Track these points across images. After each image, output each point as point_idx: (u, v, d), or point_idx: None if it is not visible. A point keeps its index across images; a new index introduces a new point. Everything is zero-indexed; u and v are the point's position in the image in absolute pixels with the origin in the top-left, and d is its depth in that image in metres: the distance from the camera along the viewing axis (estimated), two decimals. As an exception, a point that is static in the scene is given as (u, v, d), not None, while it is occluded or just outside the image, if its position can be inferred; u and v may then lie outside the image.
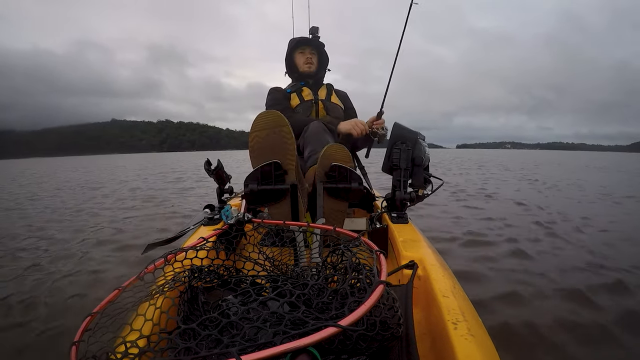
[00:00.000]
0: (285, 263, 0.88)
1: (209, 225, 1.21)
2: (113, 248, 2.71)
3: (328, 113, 1.82)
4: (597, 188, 6.66)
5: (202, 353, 0.43)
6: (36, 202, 5.65)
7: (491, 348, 0.57)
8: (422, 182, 1.27)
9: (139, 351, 0.49)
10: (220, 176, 1.34)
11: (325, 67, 1.96)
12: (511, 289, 1.83)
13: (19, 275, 2.11)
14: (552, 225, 3.28)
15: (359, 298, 0.49)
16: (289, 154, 1.17)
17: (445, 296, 0.66)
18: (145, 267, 0.70)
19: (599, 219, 3.65)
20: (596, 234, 3.05)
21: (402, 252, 0.92)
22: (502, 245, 2.63)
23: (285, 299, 0.55)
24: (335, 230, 0.80)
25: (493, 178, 8.62)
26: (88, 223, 3.72)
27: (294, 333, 0.43)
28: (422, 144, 1.29)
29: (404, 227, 1.16)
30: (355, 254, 0.62)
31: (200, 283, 0.72)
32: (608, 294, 1.78)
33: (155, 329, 0.58)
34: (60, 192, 7.11)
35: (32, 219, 4.08)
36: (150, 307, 0.61)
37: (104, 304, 0.60)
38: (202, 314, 0.62)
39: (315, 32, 1.89)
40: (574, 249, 2.58)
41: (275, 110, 1.19)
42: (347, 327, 0.41)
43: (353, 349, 0.47)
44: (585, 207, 4.39)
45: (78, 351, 0.49)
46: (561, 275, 2.04)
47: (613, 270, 2.10)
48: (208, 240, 0.84)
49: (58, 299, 1.78)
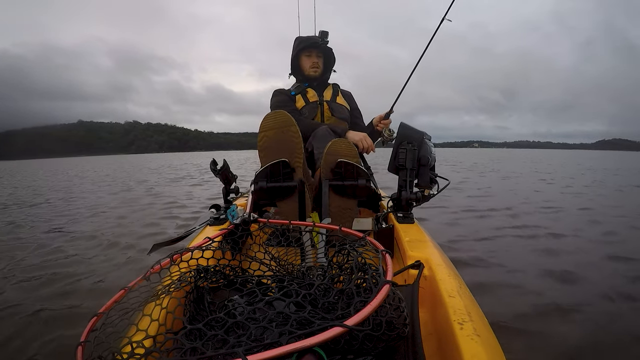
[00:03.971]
0: (291, 263, 0.88)
1: (214, 225, 1.22)
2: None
3: (333, 114, 1.81)
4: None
5: (209, 353, 0.43)
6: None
7: (497, 348, 0.56)
8: (428, 182, 1.26)
9: (145, 351, 0.49)
10: (226, 176, 1.34)
11: (331, 69, 1.93)
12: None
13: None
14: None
15: (365, 298, 0.49)
16: (297, 152, 1.19)
17: (451, 296, 0.66)
18: (151, 267, 0.70)
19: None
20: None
21: (408, 252, 0.91)
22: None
23: (291, 299, 0.55)
24: (341, 230, 0.80)
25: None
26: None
27: (300, 333, 0.43)
28: (428, 144, 1.28)
29: (410, 227, 1.15)
30: (361, 253, 0.62)
31: (206, 283, 0.72)
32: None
33: (162, 329, 0.58)
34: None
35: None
36: (156, 307, 0.61)
37: (109, 304, 0.60)
38: (208, 314, 0.62)
39: (324, 36, 1.83)
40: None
41: (283, 111, 1.20)
42: (353, 327, 0.40)
43: (359, 349, 0.47)
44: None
45: (84, 351, 0.50)
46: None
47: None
48: (214, 240, 0.84)
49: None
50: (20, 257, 2.49)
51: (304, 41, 1.84)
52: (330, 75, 1.95)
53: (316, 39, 1.82)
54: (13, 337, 1.42)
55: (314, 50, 1.85)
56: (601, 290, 1.78)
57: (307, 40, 1.84)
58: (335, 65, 1.94)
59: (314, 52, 1.85)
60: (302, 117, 1.76)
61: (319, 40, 1.82)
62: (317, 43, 1.82)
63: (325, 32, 1.83)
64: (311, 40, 1.83)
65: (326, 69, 1.91)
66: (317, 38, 1.83)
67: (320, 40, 1.82)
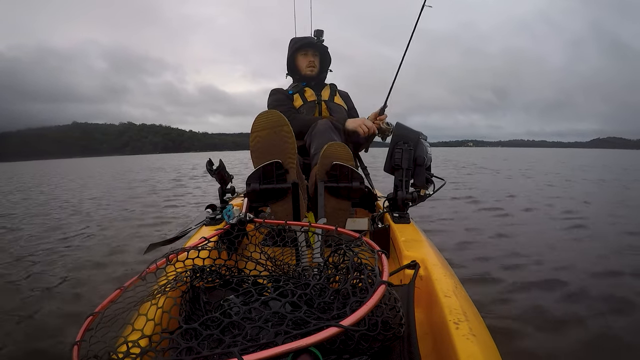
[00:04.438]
0: (287, 263, 0.88)
1: (210, 225, 1.21)
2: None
3: (331, 114, 1.80)
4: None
5: (204, 353, 0.42)
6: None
7: (493, 348, 0.57)
8: (424, 182, 1.27)
9: (140, 351, 0.49)
10: (222, 176, 1.34)
11: (327, 69, 1.94)
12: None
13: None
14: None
15: (361, 298, 0.49)
16: (290, 153, 1.18)
17: (447, 296, 0.66)
18: (147, 267, 0.70)
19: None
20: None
21: (404, 252, 0.92)
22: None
23: (287, 299, 0.55)
24: (337, 230, 0.80)
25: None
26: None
27: (295, 333, 0.43)
28: (424, 143, 1.28)
29: (406, 227, 1.16)
30: (357, 254, 0.62)
31: (202, 283, 0.72)
32: None
33: (157, 329, 0.58)
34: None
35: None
36: (152, 306, 0.61)
37: (105, 303, 0.60)
38: (204, 314, 0.62)
39: (319, 35, 1.84)
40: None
41: (275, 110, 1.19)
42: (349, 327, 0.41)
43: (355, 349, 0.47)
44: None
45: (80, 351, 0.49)
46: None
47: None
48: (210, 240, 0.84)
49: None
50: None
51: (300, 40, 1.85)
52: (326, 75, 1.95)
53: (311, 38, 1.83)
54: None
55: (309, 49, 1.85)
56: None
57: (303, 39, 1.85)
58: (329, 65, 1.94)
59: (309, 51, 1.85)
60: (301, 114, 1.75)
61: (314, 39, 1.83)
62: (313, 42, 1.82)
63: (321, 31, 1.84)
64: (307, 39, 1.84)
65: (322, 69, 1.91)
66: (313, 37, 1.84)
67: (316, 39, 1.83)
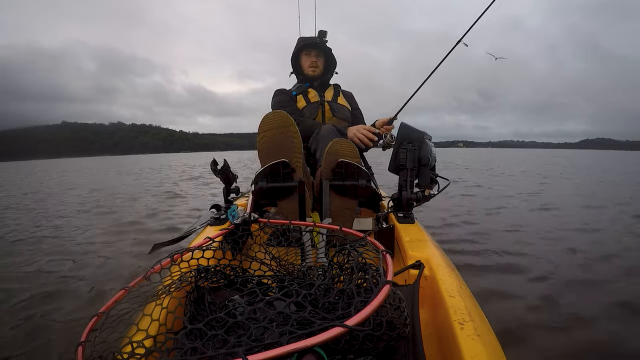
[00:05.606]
0: (291, 263, 0.88)
1: (215, 225, 1.22)
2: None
3: (334, 114, 1.81)
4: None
5: (209, 353, 0.43)
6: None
7: (498, 348, 0.56)
8: (429, 182, 1.26)
9: (145, 351, 0.49)
10: (226, 176, 1.34)
11: (333, 70, 1.94)
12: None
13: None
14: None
15: (366, 298, 0.49)
16: (296, 152, 1.20)
17: (451, 296, 0.66)
18: (151, 267, 0.70)
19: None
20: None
21: (409, 252, 0.91)
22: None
23: (291, 299, 0.55)
24: (342, 230, 0.80)
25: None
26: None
27: (300, 333, 0.43)
28: (429, 144, 1.28)
29: (411, 227, 1.15)
30: (361, 253, 0.62)
31: (206, 283, 0.72)
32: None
33: (162, 329, 0.58)
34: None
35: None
36: (157, 307, 0.61)
37: (110, 304, 0.60)
38: (209, 314, 0.62)
39: (323, 35, 1.85)
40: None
41: (282, 111, 1.20)
42: (354, 327, 0.40)
43: (359, 349, 0.47)
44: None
45: (84, 351, 0.50)
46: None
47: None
48: (214, 240, 0.84)
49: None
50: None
51: (303, 40, 1.86)
52: (332, 76, 1.95)
53: (315, 38, 1.84)
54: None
55: (312, 50, 1.86)
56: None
57: (306, 39, 1.86)
58: (334, 67, 1.94)
59: (312, 51, 1.86)
60: (304, 117, 1.76)
61: (317, 39, 1.83)
62: (315, 42, 1.83)
63: (324, 32, 1.85)
64: (310, 39, 1.85)
65: (327, 70, 1.91)
66: (316, 38, 1.84)
67: (319, 39, 1.83)
